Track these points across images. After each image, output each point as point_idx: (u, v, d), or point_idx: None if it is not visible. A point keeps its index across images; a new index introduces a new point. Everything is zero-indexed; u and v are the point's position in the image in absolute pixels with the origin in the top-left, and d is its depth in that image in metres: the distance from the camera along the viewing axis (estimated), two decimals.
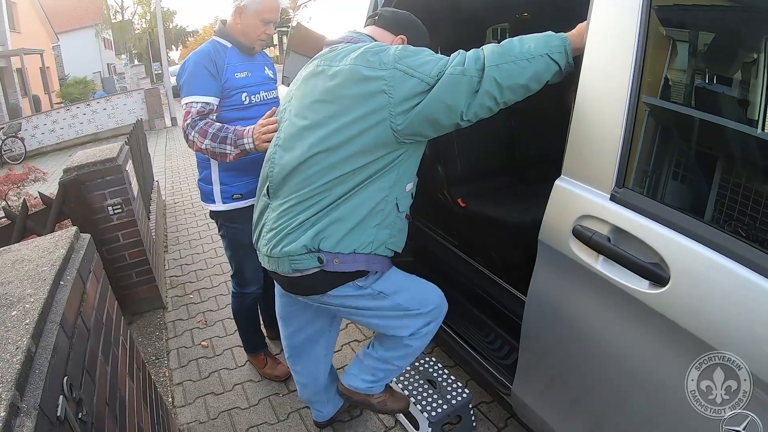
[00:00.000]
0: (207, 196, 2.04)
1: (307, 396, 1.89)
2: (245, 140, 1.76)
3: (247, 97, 1.93)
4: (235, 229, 2.05)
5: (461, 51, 1.28)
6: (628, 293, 1.08)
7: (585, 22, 1.23)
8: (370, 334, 2.60)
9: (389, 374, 1.70)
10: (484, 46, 1.27)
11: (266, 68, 2.07)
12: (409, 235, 1.56)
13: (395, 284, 1.51)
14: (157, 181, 5.00)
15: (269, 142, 1.59)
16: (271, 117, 1.70)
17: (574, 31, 1.27)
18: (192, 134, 1.80)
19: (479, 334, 1.98)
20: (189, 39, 47.73)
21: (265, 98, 2.01)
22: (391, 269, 1.53)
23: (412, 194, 1.49)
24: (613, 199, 1.13)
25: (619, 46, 1.12)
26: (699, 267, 0.97)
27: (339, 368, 2.26)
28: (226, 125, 1.82)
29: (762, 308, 0.88)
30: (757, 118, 0.97)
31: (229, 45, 1.94)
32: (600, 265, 1.15)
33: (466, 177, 2.58)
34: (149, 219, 3.72)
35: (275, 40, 35.98)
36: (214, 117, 1.87)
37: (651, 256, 1.04)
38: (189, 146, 1.86)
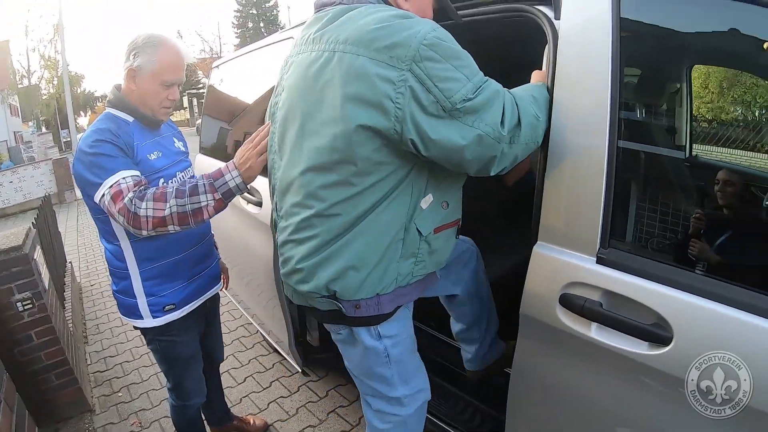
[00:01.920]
0: (131, 311, 1.60)
1: None
2: (227, 177, 1.38)
3: (164, 183, 1.53)
4: (171, 343, 1.66)
5: (500, 90, 1.04)
6: (629, 357, 1.02)
7: (542, 71, 1.20)
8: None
9: None
10: (521, 106, 1.06)
11: (175, 140, 1.69)
12: None
13: (403, 353, 1.31)
14: (70, 263, 4.50)
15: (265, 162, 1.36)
16: (262, 132, 1.38)
17: (540, 82, 1.20)
18: (143, 207, 1.31)
19: (446, 405, 1.84)
20: (98, 104, 45.79)
21: (183, 179, 1.61)
22: (410, 339, 1.34)
23: (444, 204, 1.20)
24: (600, 261, 1.07)
25: (593, 89, 1.07)
26: (702, 321, 0.93)
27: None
28: (190, 178, 1.53)
29: None
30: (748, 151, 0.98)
31: (130, 119, 1.50)
32: (594, 332, 1.07)
33: None
34: (64, 308, 3.29)
35: (185, 103, 34.76)
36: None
37: (649, 317, 0.99)
38: (139, 229, 1.33)
